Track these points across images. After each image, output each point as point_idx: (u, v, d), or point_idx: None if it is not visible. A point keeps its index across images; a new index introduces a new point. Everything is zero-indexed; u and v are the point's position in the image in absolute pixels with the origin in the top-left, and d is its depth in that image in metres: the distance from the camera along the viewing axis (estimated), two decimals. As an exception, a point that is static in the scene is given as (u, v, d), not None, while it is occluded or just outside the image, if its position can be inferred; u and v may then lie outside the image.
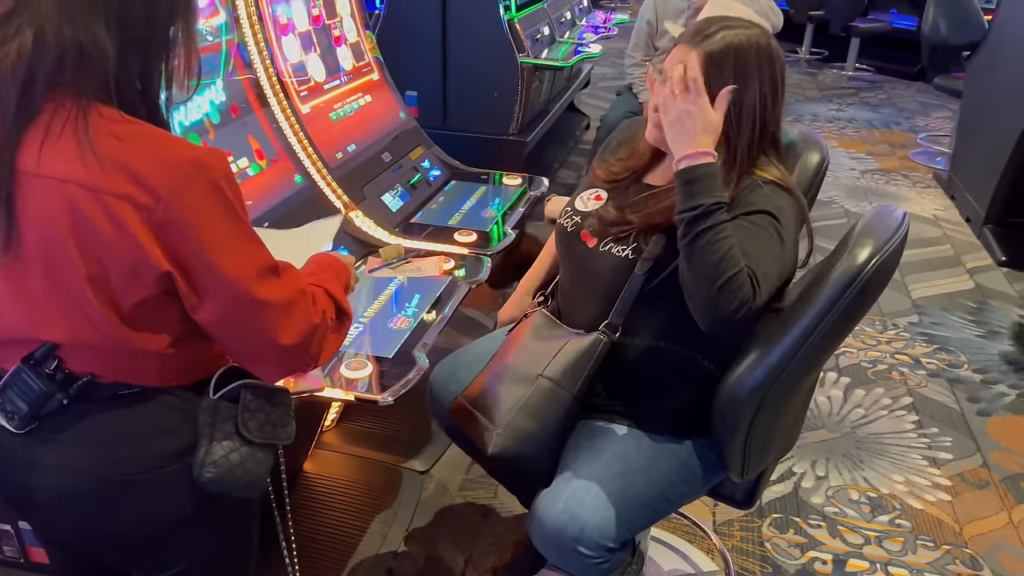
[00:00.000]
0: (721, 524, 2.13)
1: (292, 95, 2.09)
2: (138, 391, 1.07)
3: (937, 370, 2.89)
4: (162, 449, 1.08)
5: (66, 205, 0.96)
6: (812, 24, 7.59)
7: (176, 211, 0.96)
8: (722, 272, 1.25)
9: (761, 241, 1.32)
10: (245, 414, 1.10)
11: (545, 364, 1.45)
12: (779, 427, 1.45)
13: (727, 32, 1.37)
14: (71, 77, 0.96)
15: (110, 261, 0.97)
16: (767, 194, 1.37)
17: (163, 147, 0.99)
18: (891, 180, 4.80)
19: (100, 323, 1.00)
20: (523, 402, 1.45)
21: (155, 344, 1.04)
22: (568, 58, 3.98)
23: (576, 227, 1.53)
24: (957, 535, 2.14)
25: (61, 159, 0.95)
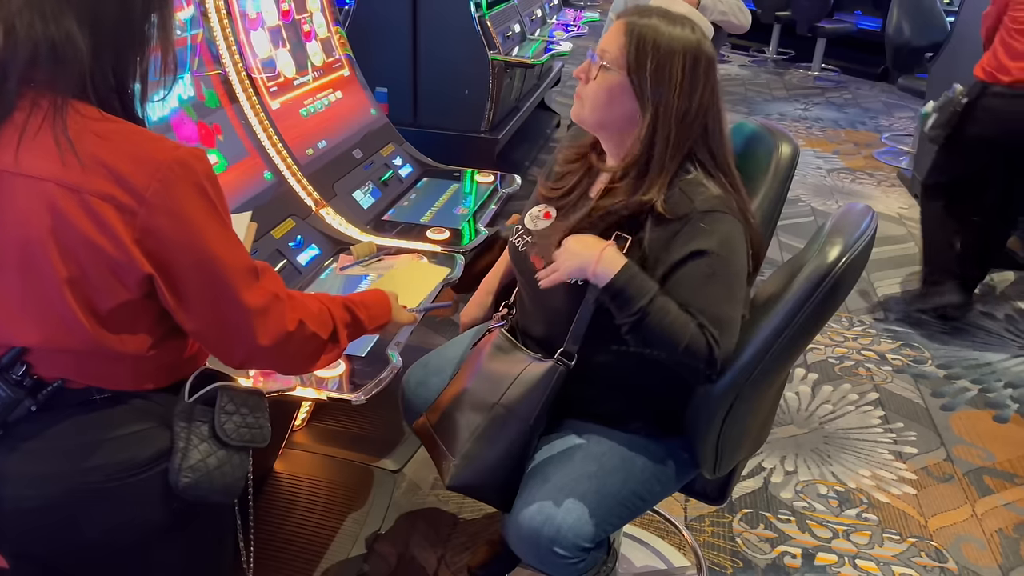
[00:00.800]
0: (692, 520, 2.15)
1: (262, 91, 2.07)
2: (110, 396, 1.05)
3: (902, 366, 2.94)
4: (135, 455, 1.06)
5: (46, 205, 0.93)
6: (779, 24, 7.68)
7: (159, 214, 0.95)
8: (677, 342, 1.29)
9: (708, 289, 1.31)
10: (222, 416, 1.08)
11: (502, 392, 1.44)
12: (751, 424, 1.46)
13: (660, 22, 1.35)
14: (45, 74, 0.94)
15: (90, 262, 0.95)
16: (706, 229, 1.32)
17: (146, 147, 0.97)
18: (857, 179, 4.87)
19: (76, 327, 0.98)
20: (480, 432, 1.44)
21: (130, 347, 1.02)
22: (539, 56, 3.98)
23: (526, 248, 1.50)
24: (922, 528, 2.18)
25: (40, 157, 0.93)
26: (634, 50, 1.34)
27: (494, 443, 1.43)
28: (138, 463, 1.05)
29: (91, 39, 0.95)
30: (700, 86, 1.36)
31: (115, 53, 0.98)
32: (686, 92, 1.35)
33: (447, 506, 2.15)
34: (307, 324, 1.10)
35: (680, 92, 1.34)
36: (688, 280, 1.31)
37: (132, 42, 1.00)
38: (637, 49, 1.34)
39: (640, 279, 1.31)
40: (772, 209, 1.56)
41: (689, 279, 1.31)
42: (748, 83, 7.13)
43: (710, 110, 1.38)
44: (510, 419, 1.42)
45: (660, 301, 1.30)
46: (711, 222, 1.32)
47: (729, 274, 1.33)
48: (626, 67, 1.35)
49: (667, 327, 1.29)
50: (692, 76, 1.35)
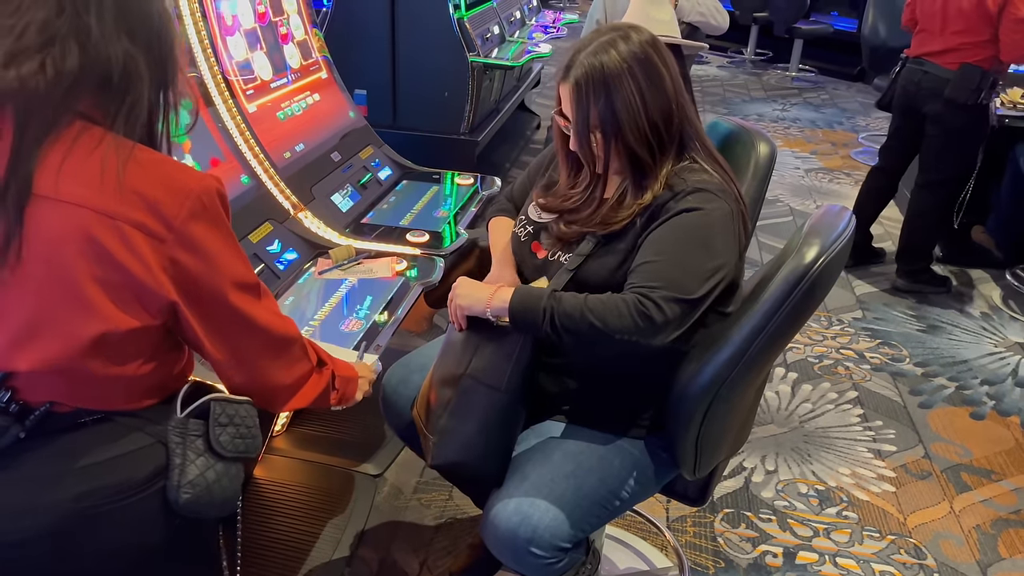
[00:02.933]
0: (674, 520, 2.15)
1: (238, 94, 2.05)
2: (100, 416, 1.03)
3: (881, 364, 2.97)
4: (132, 475, 1.03)
5: (79, 230, 0.94)
6: (757, 26, 7.74)
7: (186, 243, 0.97)
8: (593, 320, 1.28)
9: (666, 247, 1.32)
10: (216, 429, 1.07)
11: (467, 363, 1.43)
12: (730, 424, 1.47)
13: (584, 54, 1.37)
14: (107, 99, 0.95)
15: (119, 287, 0.96)
16: (689, 203, 1.35)
17: (177, 176, 0.99)
18: (834, 179, 4.91)
19: (80, 350, 0.97)
20: (452, 406, 1.43)
21: (130, 370, 1.02)
22: (518, 57, 3.98)
23: (529, 238, 1.53)
24: (901, 525, 2.20)
25: (79, 183, 0.94)
26: (586, 102, 1.36)
27: (467, 416, 1.41)
28: (135, 483, 1.03)
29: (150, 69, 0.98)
30: (661, 80, 1.38)
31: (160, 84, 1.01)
32: (652, 95, 1.37)
33: (429, 510, 2.15)
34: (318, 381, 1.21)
35: (645, 100, 1.36)
36: (661, 237, 1.34)
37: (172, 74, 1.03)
38: (589, 100, 1.36)
39: (531, 290, 1.38)
40: (752, 208, 1.57)
41: (663, 235, 1.34)
42: (726, 84, 7.17)
43: (679, 94, 1.41)
44: (479, 388, 1.41)
45: (560, 293, 1.34)
46: (702, 198, 1.35)
47: (705, 246, 1.33)
48: (588, 123, 1.37)
49: (579, 308, 1.29)
50: (649, 80, 1.37)
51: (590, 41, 1.39)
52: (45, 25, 0.92)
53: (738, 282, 1.44)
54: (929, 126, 3.35)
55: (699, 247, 1.32)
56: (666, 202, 1.37)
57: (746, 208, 1.43)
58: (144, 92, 0.98)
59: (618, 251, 1.39)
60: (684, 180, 1.38)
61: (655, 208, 1.38)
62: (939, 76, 3.23)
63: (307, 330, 1.64)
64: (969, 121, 3.24)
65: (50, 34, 0.92)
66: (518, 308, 1.35)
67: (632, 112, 1.35)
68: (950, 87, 3.18)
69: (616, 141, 1.38)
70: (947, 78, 3.19)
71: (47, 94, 0.92)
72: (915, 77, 3.34)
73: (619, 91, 1.35)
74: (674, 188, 1.38)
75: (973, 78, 3.12)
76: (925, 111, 3.33)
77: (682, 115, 1.41)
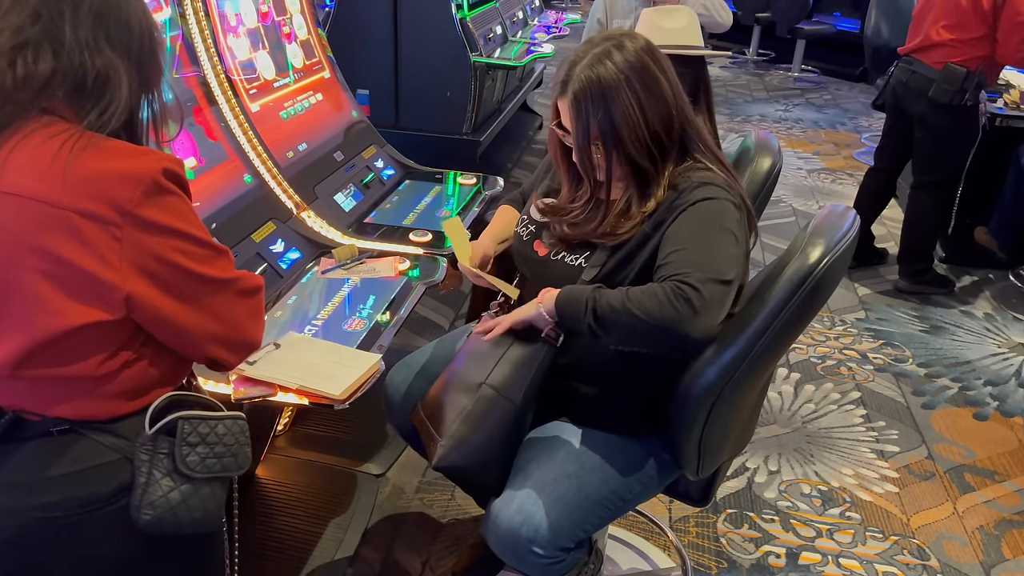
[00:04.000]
0: (677, 520, 2.15)
1: (241, 93, 2.05)
2: (68, 427, 1.01)
3: (883, 365, 2.96)
4: (97, 489, 1.02)
5: (23, 222, 0.92)
6: (759, 26, 7.73)
7: (142, 228, 0.95)
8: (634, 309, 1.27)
9: (693, 234, 1.32)
10: (183, 448, 1.03)
11: (488, 371, 1.43)
12: (733, 425, 1.46)
13: (580, 67, 1.37)
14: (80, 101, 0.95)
15: (67, 279, 0.94)
16: (699, 195, 1.36)
17: (126, 160, 0.97)
18: (837, 179, 4.91)
19: (40, 349, 0.96)
20: (466, 412, 1.43)
21: (90, 370, 1.00)
22: (521, 58, 3.98)
23: (531, 236, 1.53)
24: (905, 526, 2.19)
25: (25, 175, 0.93)
26: (585, 116, 1.36)
27: (481, 424, 1.42)
28: (99, 498, 1.02)
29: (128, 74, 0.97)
30: (659, 87, 1.38)
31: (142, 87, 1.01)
32: (651, 103, 1.36)
33: (431, 510, 2.14)
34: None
35: (644, 109, 1.36)
36: (680, 227, 1.33)
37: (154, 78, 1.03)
38: (588, 114, 1.35)
39: (576, 287, 1.36)
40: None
41: (682, 226, 1.33)
42: (729, 84, 7.16)
43: (679, 98, 1.40)
44: (497, 399, 1.41)
45: (601, 288, 1.34)
46: (708, 191, 1.36)
47: (724, 230, 1.33)
48: (589, 137, 1.37)
49: (621, 298, 1.28)
50: (646, 88, 1.36)
51: (585, 53, 1.38)
52: (19, 30, 0.93)
53: (743, 282, 1.43)
54: (917, 127, 3.36)
55: (721, 231, 1.32)
56: (673, 201, 1.37)
57: (750, 208, 1.42)
58: (123, 95, 0.98)
59: (632, 259, 1.39)
60: (688, 178, 1.38)
61: (662, 210, 1.37)
62: (925, 76, 3.23)
63: (310, 329, 1.64)
64: (955, 122, 3.23)
65: (23, 38, 0.93)
66: (563, 303, 1.35)
67: (632, 123, 1.35)
68: (934, 87, 3.17)
69: (617, 152, 1.37)
70: (932, 78, 3.18)
71: (12, 92, 0.93)
72: (903, 76, 3.34)
73: (617, 103, 1.34)
74: (679, 187, 1.38)
75: (956, 79, 3.12)
76: (912, 112, 3.33)
77: (683, 118, 1.41)
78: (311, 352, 1.51)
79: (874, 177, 3.74)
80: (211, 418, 1.06)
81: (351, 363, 1.49)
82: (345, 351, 1.55)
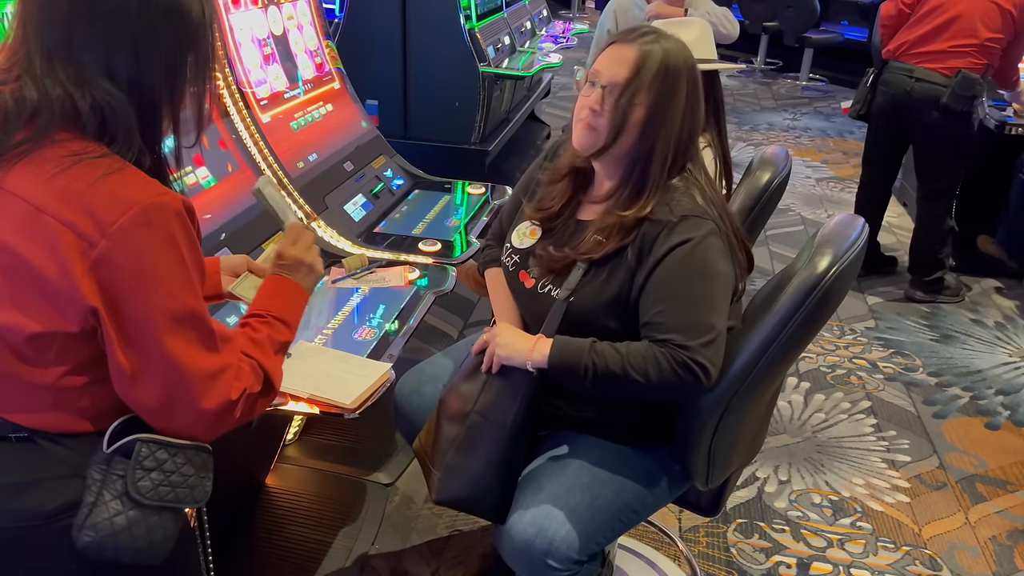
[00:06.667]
0: (687, 530, 2.15)
1: (252, 104, 2.06)
2: (26, 435, 0.99)
3: (894, 374, 2.95)
4: (40, 504, 0.98)
5: (8, 219, 0.93)
6: (767, 35, 7.74)
7: (120, 250, 0.91)
8: (636, 376, 1.29)
9: (682, 289, 1.31)
10: (137, 472, 0.98)
11: (474, 399, 1.44)
12: (743, 435, 1.46)
13: (664, 43, 1.36)
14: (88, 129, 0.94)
15: (23, 284, 0.93)
16: (682, 233, 1.33)
17: (129, 187, 0.94)
18: (846, 188, 4.90)
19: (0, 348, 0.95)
20: (459, 442, 1.43)
21: (50, 379, 0.97)
22: (529, 68, 3.99)
23: (516, 267, 1.52)
24: (916, 536, 2.18)
25: (24, 179, 0.93)
26: (648, 76, 1.33)
27: (473, 452, 1.42)
28: (42, 514, 0.98)
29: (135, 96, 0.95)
30: (700, 103, 1.39)
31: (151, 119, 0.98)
32: (689, 111, 1.37)
33: (441, 520, 2.14)
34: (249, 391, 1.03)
35: (685, 113, 1.36)
36: (662, 281, 1.32)
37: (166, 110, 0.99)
38: (651, 76, 1.33)
39: (570, 343, 1.35)
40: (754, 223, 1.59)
41: (664, 279, 1.32)
42: (737, 93, 7.17)
43: (698, 125, 1.40)
44: (486, 425, 1.41)
45: (600, 347, 1.33)
46: (689, 227, 1.33)
47: (705, 275, 1.32)
48: (637, 94, 1.34)
49: (621, 364, 1.30)
50: (695, 94, 1.38)
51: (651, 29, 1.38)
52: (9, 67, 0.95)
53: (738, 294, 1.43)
54: (922, 136, 3.31)
55: (704, 278, 1.32)
56: (656, 235, 1.34)
57: (734, 224, 1.40)
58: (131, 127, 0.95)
59: (609, 283, 1.37)
60: (669, 208, 1.35)
61: (643, 242, 1.34)
62: (933, 83, 3.16)
63: (320, 339, 1.65)
64: (961, 127, 3.22)
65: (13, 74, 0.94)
66: (558, 363, 1.35)
67: (673, 117, 1.35)
68: (948, 95, 3.12)
69: (651, 134, 1.35)
70: (944, 85, 3.13)
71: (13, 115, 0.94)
72: (906, 85, 3.26)
73: (678, 91, 1.34)
74: (659, 218, 1.34)
75: (970, 85, 3.09)
76: (917, 120, 3.27)
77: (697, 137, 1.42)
78: (321, 361, 1.52)
79: (867, 191, 3.69)
80: (171, 445, 1.00)
81: (361, 372, 1.50)
82: (355, 360, 1.56)
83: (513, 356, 1.39)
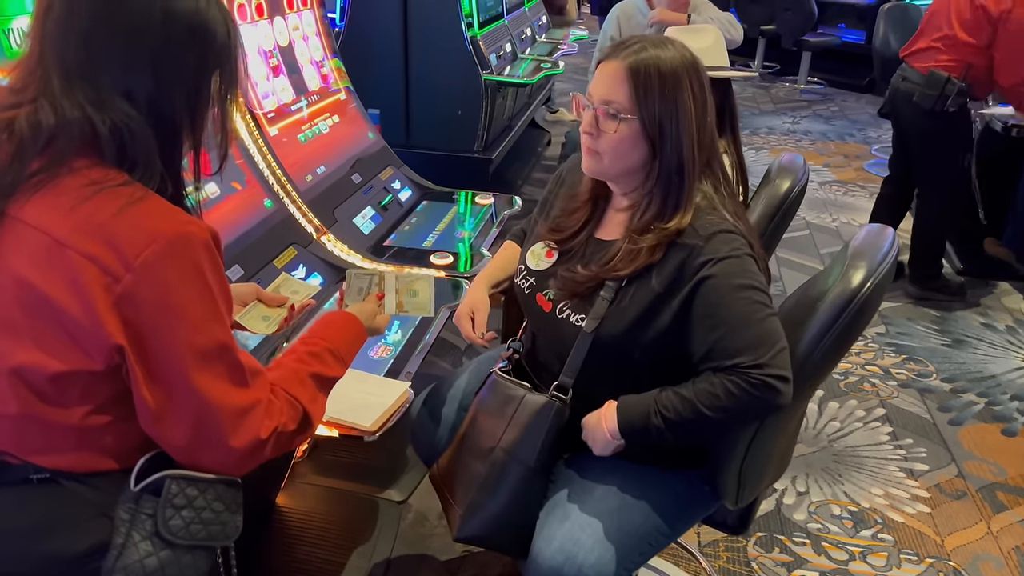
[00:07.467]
0: (707, 545, 2.11)
1: (259, 117, 2.03)
2: (48, 477, 0.95)
3: (907, 380, 2.92)
4: (66, 547, 0.95)
5: (23, 251, 0.89)
6: (764, 39, 7.73)
7: (145, 284, 0.88)
8: (711, 414, 1.24)
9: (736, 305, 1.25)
10: (168, 511, 0.94)
11: (499, 435, 1.39)
12: (774, 453, 1.43)
13: (654, 50, 1.30)
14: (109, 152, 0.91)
15: (46, 321, 0.89)
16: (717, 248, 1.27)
17: (153, 217, 0.90)
18: (849, 191, 4.88)
19: (21, 388, 0.91)
20: (481, 479, 1.39)
21: (73, 419, 0.93)
22: (531, 75, 3.97)
23: (532, 290, 1.46)
24: (939, 547, 2.15)
25: (42, 208, 0.89)
26: (642, 90, 1.29)
27: (497, 490, 1.38)
28: (70, 557, 0.95)
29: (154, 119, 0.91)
30: (709, 99, 1.35)
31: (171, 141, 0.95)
32: (700, 110, 1.32)
33: (456, 537, 2.10)
34: (281, 429, 1.00)
35: (696, 114, 1.31)
36: (709, 305, 1.26)
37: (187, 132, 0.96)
38: (645, 88, 1.28)
39: (633, 404, 1.31)
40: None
41: (711, 303, 1.26)
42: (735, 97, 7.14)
43: (713, 121, 1.36)
44: (510, 463, 1.37)
45: (664, 397, 1.28)
46: (721, 243, 1.28)
47: (752, 288, 1.26)
48: (638, 110, 1.29)
49: (693, 407, 1.25)
50: (701, 92, 1.33)
51: (633, 42, 1.33)
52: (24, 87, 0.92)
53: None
54: (905, 134, 3.39)
55: (751, 291, 1.26)
56: (684, 258, 1.28)
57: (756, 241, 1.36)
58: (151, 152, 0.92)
59: (630, 308, 1.31)
60: (694, 229, 1.30)
61: (671, 265, 1.29)
62: (912, 81, 3.22)
63: (335, 358, 1.61)
64: (940, 128, 3.22)
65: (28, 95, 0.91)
66: (628, 430, 1.31)
67: (688, 118, 1.30)
68: (917, 93, 3.17)
69: (668, 146, 1.30)
70: (918, 83, 3.18)
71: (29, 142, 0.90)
72: (896, 83, 3.34)
73: (681, 92, 1.29)
74: (686, 241, 1.29)
75: (938, 84, 3.10)
76: (900, 119, 3.36)
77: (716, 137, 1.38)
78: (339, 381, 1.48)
79: (886, 186, 3.74)
80: (202, 480, 0.97)
81: (380, 392, 1.46)
82: (372, 379, 1.52)
83: (603, 443, 1.34)
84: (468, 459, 1.43)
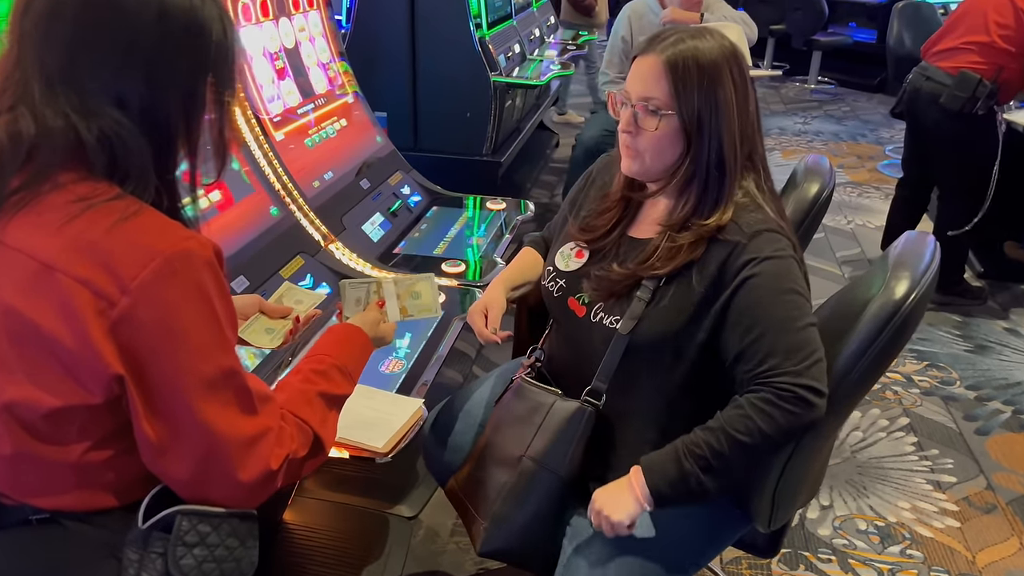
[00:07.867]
0: (729, 562, 2.03)
1: (265, 121, 1.96)
2: (48, 517, 0.89)
3: (930, 388, 2.84)
4: None
5: (12, 278, 0.81)
6: (774, 38, 7.65)
7: (143, 307, 0.80)
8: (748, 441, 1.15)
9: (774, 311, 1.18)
10: (179, 549, 0.88)
11: (527, 443, 1.32)
12: (808, 475, 1.35)
13: (692, 41, 1.24)
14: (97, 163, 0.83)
15: (37, 353, 0.82)
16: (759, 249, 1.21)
17: (150, 234, 0.83)
18: (864, 193, 4.80)
19: (14, 426, 0.84)
20: (508, 489, 1.32)
21: (72, 456, 0.87)
22: (540, 76, 3.90)
23: (563, 293, 1.38)
24: (970, 564, 2.07)
25: (28, 229, 0.82)
26: (681, 85, 1.22)
27: (525, 501, 1.31)
28: None
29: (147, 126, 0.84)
30: (750, 89, 1.29)
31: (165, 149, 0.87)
32: (742, 100, 1.26)
33: (468, 555, 2.03)
34: (292, 456, 0.94)
35: (737, 104, 1.25)
36: (749, 305, 1.19)
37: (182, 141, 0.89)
38: (684, 81, 1.22)
39: (655, 459, 1.20)
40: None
41: (751, 303, 1.19)
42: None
43: (754, 112, 1.30)
44: (540, 472, 1.30)
45: (689, 442, 1.19)
46: (764, 242, 1.22)
47: (793, 292, 1.20)
48: (678, 106, 1.23)
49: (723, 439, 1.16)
50: (743, 82, 1.27)
51: (670, 33, 1.26)
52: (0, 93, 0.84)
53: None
54: (926, 136, 3.29)
55: (794, 295, 1.19)
56: (726, 257, 1.22)
57: (799, 244, 1.30)
58: (145, 162, 0.85)
59: (670, 309, 1.25)
60: (738, 226, 1.24)
61: (713, 264, 1.23)
62: (938, 82, 3.12)
63: (345, 372, 1.54)
64: (967, 131, 3.12)
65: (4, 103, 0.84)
66: (664, 488, 1.19)
67: (730, 110, 1.24)
68: (945, 94, 3.07)
69: (710, 140, 1.24)
70: (946, 84, 3.08)
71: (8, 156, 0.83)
72: (918, 83, 3.24)
73: (722, 83, 1.23)
74: (728, 238, 1.23)
75: (969, 85, 3.01)
76: (923, 120, 3.25)
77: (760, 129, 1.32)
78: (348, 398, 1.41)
79: (901, 188, 3.65)
80: (214, 515, 0.91)
81: (392, 410, 1.39)
82: (384, 396, 1.45)
83: (632, 511, 1.20)
84: (492, 469, 1.36)
